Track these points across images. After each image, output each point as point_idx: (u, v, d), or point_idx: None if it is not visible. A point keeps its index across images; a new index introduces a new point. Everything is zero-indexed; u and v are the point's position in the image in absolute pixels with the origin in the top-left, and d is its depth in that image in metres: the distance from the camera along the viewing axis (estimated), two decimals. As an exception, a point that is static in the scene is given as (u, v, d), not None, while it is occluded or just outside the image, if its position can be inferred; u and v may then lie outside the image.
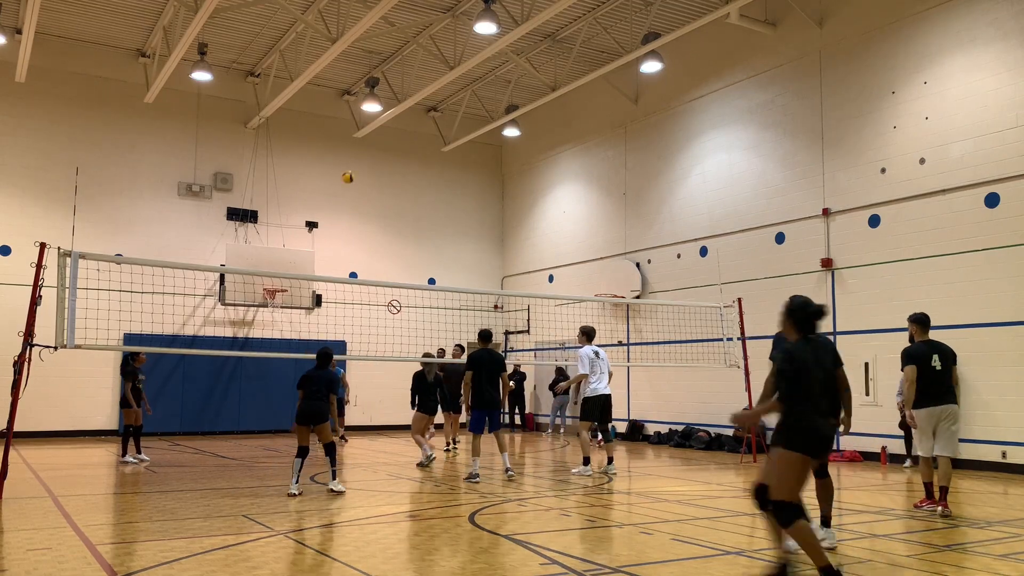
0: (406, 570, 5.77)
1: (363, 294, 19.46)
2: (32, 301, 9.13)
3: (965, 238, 12.83)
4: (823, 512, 6.59)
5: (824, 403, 5.41)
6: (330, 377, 9.81)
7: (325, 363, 9.93)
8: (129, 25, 17.95)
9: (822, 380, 5.43)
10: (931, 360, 8.38)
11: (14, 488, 9.34)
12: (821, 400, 5.37)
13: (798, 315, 5.68)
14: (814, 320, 5.69)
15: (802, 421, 5.24)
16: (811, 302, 5.76)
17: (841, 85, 14.82)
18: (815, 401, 5.30)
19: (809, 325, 5.67)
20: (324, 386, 9.70)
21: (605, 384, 11.92)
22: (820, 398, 5.36)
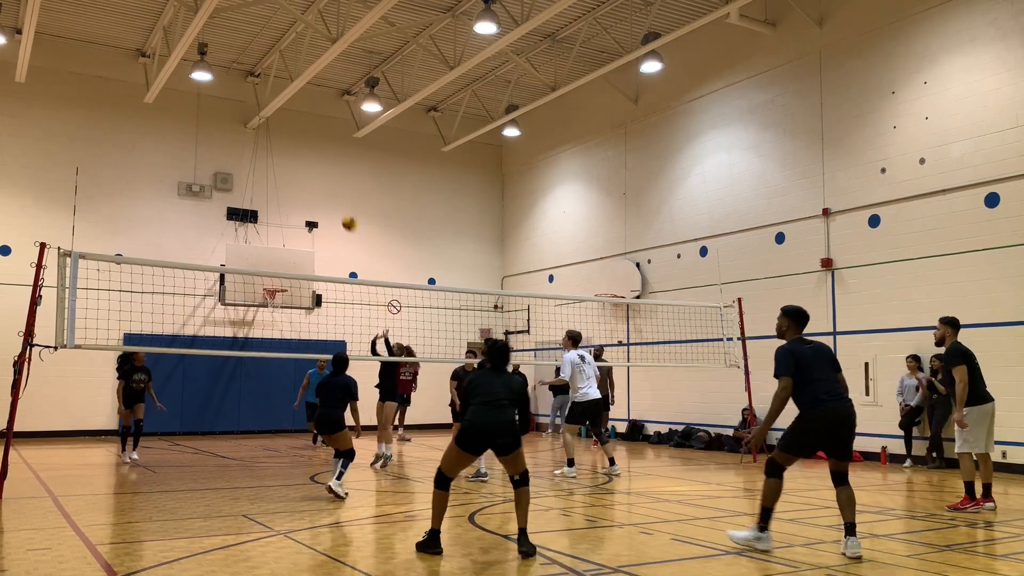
0: (406, 570, 5.77)
1: (363, 294, 19.45)
2: (32, 301, 9.13)
3: (965, 238, 12.83)
4: (846, 520, 6.25)
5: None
6: (346, 383, 9.55)
7: (340, 369, 9.67)
8: (129, 25, 17.94)
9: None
10: (975, 359, 8.61)
11: (14, 488, 9.34)
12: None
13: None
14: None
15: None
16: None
17: (841, 85, 14.83)
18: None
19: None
20: (340, 393, 9.46)
21: (595, 389, 11.77)
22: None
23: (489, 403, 6.26)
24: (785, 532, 7.27)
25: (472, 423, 6.23)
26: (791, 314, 6.69)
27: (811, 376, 6.35)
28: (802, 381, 6.36)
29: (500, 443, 6.20)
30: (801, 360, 6.38)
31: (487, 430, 6.18)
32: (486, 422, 6.20)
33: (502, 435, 6.19)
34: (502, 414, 6.25)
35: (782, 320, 6.73)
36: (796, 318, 6.67)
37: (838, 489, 6.35)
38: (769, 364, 11.02)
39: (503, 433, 6.19)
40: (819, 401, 6.29)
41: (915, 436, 13.18)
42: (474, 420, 6.23)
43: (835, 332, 14.54)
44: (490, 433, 6.19)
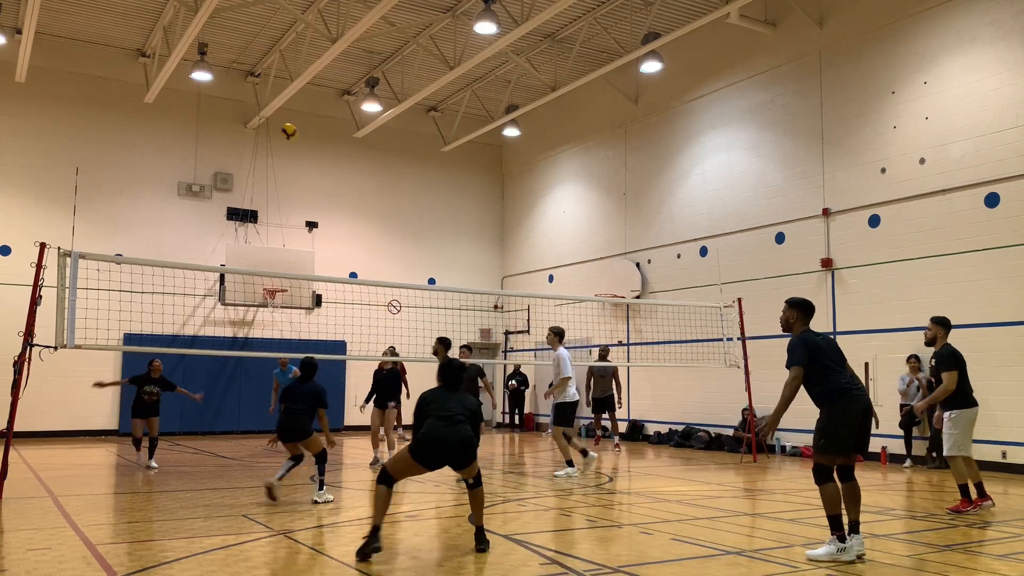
0: (406, 570, 5.77)
1: (363, 294, 19.46)
2: (32, 301, 9.13)
3: (965, 238, 12.83)
4: (851, 518, 6.13)
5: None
6: (316, 391, 9.17)
7: (309, 375, 9.30)
8: (129, 25, 17.95)
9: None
10: (965, 362, 8.51)
11: (14, 488, 9.33)
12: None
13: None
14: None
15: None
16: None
17: (841, 85, 14.82)
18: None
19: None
20: (310, 400, 9.07)
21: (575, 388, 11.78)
22: None
23: (446, 418, 6.31)
24: (785, 532, 7.27)
25: (429, 436, 6.25)
26: (798, 305, 6.50)
27: (830, 365, 6.23)
28: (820, 370, 6.21)
29: (459, 459, 6.31)
30: (816, 350, 6.25)
31: (445, 447, 6.23)
32: (444, 437, 6.24)
33: (460, 451, 6.29)
34: (460, 430, 6.31)
35: (789, 312, 6.53)
36: (804, 309, 6.49)
37: (844, 485, 6.16)
38: (769, 364, 11.05)
39: (461, 450, 6.29)
40: (846, 390, 6.17)
41: (915, 436, 13.18)
42: (431, 434, 6.25)
43: (835, 332, 14.53)
44: (448, 450, 6.26)
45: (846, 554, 5.87)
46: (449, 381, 6.65)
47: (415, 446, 6.23)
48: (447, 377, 6.65)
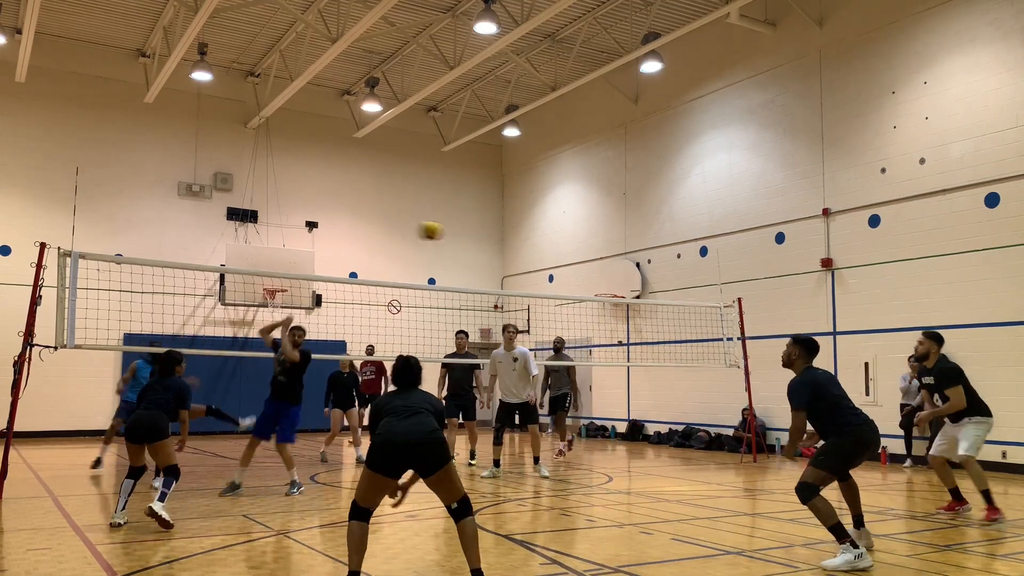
0: (406, 570, 5.77)
1: (363, 294, 19.46)
2: (32, 301, 9.12)
3: (965, 238, 12.83)
4: (854, 513, 6.49)
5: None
6: (178, 386, 7.86)
7: (167, 370, 8.01)
8: (129, 25, 17.95)
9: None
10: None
11: (14, 488, 9.33)
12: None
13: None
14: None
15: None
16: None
17: (841, 85, 14.82)
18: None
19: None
20: (169, 397, 7.74)
21: None
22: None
23: (401, 411, 5.13)
24: (785, 532, 7.27)
25: (382, 436, 5.05)
26: (804, 343, 6.50)
27: (834, 399, 6.28)
28: (827, 408, 6.26)
29: (423, 458, 4.99)
30: (818, 388, 6.28)
31: (403, 443, 4.97)
32: (400, 431, 5.00)
33: (422, 447, 4.97)
34: (420, 421, 5.06)
35: (792, 348, 6.50)
36: (808, 348, 6.49)
37: (842, 484, 6.44)
38: (769, 364, 11.05)
39: (423, 444, 4.97)
40: (854, 424, 6.21)
41: (915, 436, 13.17)
42: (384, 432, 5.05)
43: (835, 332, 14.54)
44: (407, 446, 4.97)
45: (863, 560, 5.71)
46: (403, 381, 5.45)
47: (369, 453, 5.05)
48: (400, 376, 5.46)
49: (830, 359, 14.43)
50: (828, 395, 6.29)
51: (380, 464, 5.00)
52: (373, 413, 5.31)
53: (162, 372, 8.03)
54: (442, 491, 5.07)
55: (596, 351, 20.04)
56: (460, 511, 5.04)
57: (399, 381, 5.44)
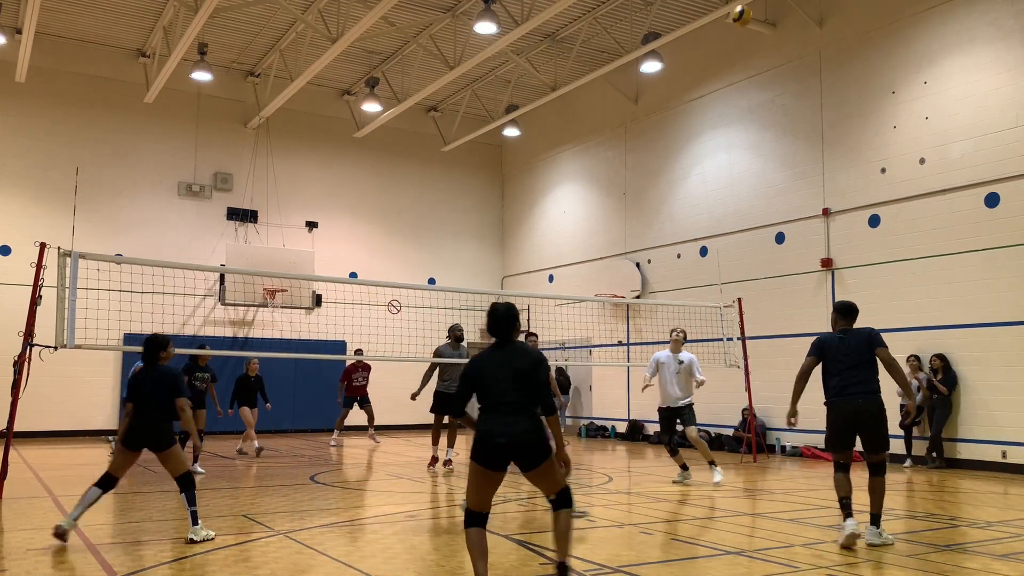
0: (406, 570, 5.77)
1: (363, 294, 19.45)
2: (32, 301, 9.13)
3: (965, 238, 12.83)
4: (872, 510, 6.65)
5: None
6: (168, 376, 6.87)
7: (152, 358, 6.93)
8: (129, 25, 17.95)
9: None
10: None
11: (14, 488, 9.33)
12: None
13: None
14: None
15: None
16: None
17: (841, 85, 14.82)
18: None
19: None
20: (162, 391, 6.77)
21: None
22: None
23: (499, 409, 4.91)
24: (785, 532, 7.27)
25: (484, 434, 4.90)
26: (836, 308, 7.10)
27: (829, 368, 6.78)
28: (824, 372, 6.82)
29: (523, 454, 4.89)
30: (824, 349, 6.84)
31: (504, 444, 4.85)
32: (500, 432, 4.85)
33: (523, 447, 4.87)
34: (515, 422, 4.87)
35: (832, 315, 7.12)
36: (840, 311, 7.03)
37: (871, 479, 6.66)
38: (769, 364, 11.05)
39: (523, 444, 4.86)
40: (830, 395, 6.73)
41: (915, 436, 13.18)
42: (485, 432, 4.91)
43: (835, 332, 14.52)
44: (507, 446, 4.85)
45: (844, 530, 6.44)
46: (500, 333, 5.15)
47: (473, 446, 4.94)
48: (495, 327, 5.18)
49: (830, 359, 14.43)
50: (826, 360, 6.84)
51: (484, 458, 4.89)
52: (466, 374, 5.09)
53: (146, 362, 6.96)
54: (542, 484, 5.00)
55: (596, 351, 20.05)
56: (558, 502, 4.97)
57: (493, 333, 5.19)
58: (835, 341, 6.83)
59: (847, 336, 6.84)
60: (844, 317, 6.98)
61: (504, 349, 5.12)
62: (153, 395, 6.76)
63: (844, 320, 6.98)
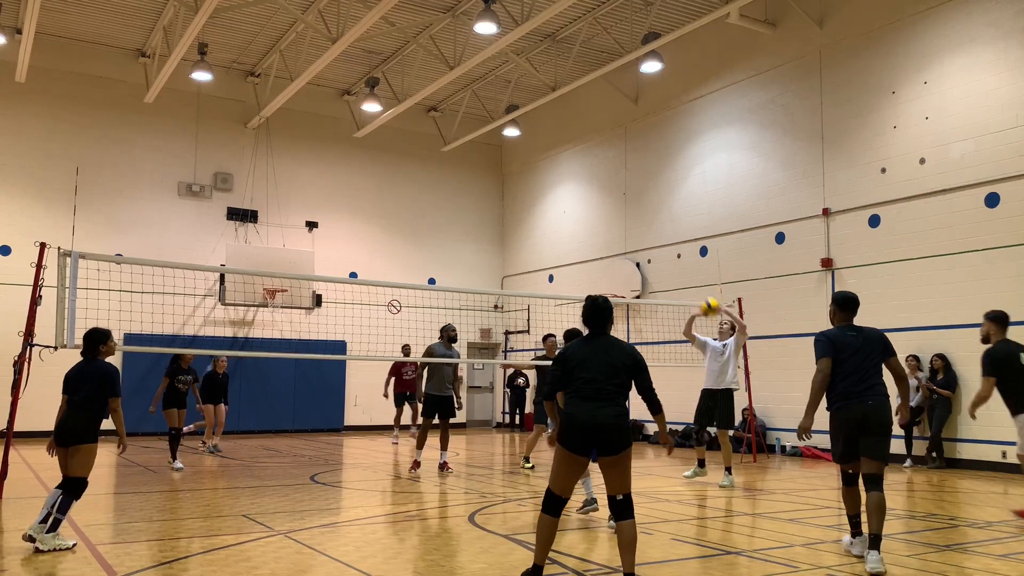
0: (406, 570, 5.77)
1: (363, 294, 19.45)
2: (32, 301, 9.13)
3: (965, 238, 12.83)
4: (870, 531, 5.83)
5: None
6: (102, 372, 6.68)
7: (91, 350, 6.81)
8: (129, 25, 17.95)
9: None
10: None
11: (14, 488, 9.33)
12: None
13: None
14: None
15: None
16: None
17: (841, 85, 14.82)
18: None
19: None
20: (92, 386, 6.59)
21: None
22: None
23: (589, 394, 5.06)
24: (785, 532, 7.27)
25: (572, 420, 5.04)
26: (837, 300, 6.49)
27: (839, 369, 6.12)
28: (833, 372, 6.15)
29: (607, 438, 4.97)
30: (837, 347, 6.17)
31: (592, 426, 4.98)
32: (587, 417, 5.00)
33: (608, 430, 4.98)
34: (603, 407, 5.02)
35: (831, 307, 6.55)
36: (841, 304, 6.42)
37: (867, 494, 5.95)
38: (769, 364, 11.05)
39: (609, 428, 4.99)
40: (835, 398, 6.15)
41: (915, 436, 13.18)
42: (572, 416, 5.05)
43: (835, 332, 14.53)
44: (594, 428, 4.98)
45: (853, 548, 6.20)
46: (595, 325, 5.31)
47: (561, 433, 5.06)
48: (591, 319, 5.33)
49: (830, 359, 14.43)
50: (837, 361, 6.17)
51: (572, 444, 4.99)
52: (560, 360, 5.19)
53: (84, 354, 6.85)
54: (615, 478, 5.01)
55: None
56: (622, 508, 4.98)
57: (590, 324, 5.34)
58: (847, 339, 6.20)
59: (860, 334, 6.24)
60: (845, 310, 6.39)
61: (600, 340, 5.27)
62: (87, 390, 6.58)
63: (845, 313, 6.39)
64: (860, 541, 6.14)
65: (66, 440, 6.45)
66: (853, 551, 6.17)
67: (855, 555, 6.10)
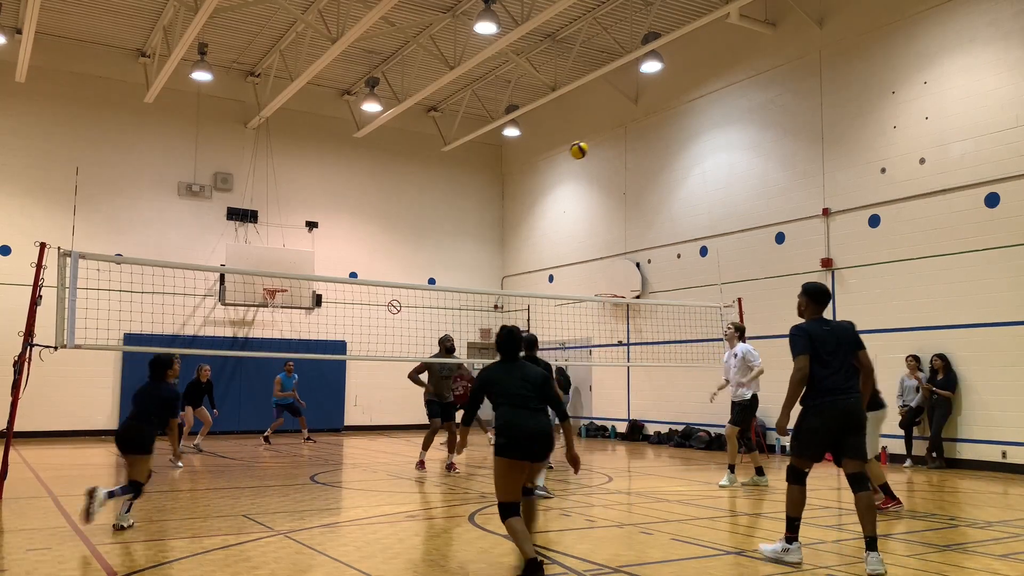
0: (406, 570, 5.77)
1: (363, 294, 19.45)
2: (32, 301, 9.13)
3: (965, 238, 12.83)
4: (866, 533, 5.74)
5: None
6: (165, 396, 7.51)
7: (158, 375, 7.61)
8: (129, 25, 17.94)
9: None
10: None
11: (14, 488, 9.33)
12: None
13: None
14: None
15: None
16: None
17: (841, 85, 14.82)
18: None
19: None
20: (154, 406, 7.42)
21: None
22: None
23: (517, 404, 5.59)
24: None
25: (511, 430, 5.51)
26: (809, 292, 6.29)
27: (821, 364, 5.95)
28: (813, 367, 5.97)
29: (537, 450, 5.54)
30: (814, 341, 6.00)
31: (531, 435, 5.50)
32: (527, 426, 5.52)
33: (539, 442, 5.54)
34: (536, 419, 5.55)
35: (801, 299, 6.33)
36: (815, 296, 6.26)
37: (855, 496, 5.82)
38: (769, 364, 11.04)
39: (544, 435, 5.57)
40: (820, 393, 5.93)
41: (915, 436, 13.18)
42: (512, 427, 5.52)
43: (835, 332, 14.52)
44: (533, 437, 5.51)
45: (790, 555, 5.90)
46: (506, 352, 5.81)
47: (502, 446, 5.50)
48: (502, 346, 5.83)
49: (830, 359, 14.43)
50: (815, 355, 5.98)
51: (516, 453, 5.48)
52: (480, 384, 5.76)
53: (151, 377, 7.62)
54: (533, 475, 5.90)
55: (596, 351, 20.05)
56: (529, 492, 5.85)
57: (502, 350, 5.84)
58: (824, 333, 6.06)
59: (834, 328, 6.16)
60: (818, 303, 6.24)
61: (514, 363, 5.83)
62: (151, 410, 7.45)
63: (817, 305, 6.23)
64: (798, 547, 5.91)
65: (125, 449, 7.34)
66: (789, 559, 5.85)
67: (790, 563, 5.81)
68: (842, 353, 6.04)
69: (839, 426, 5.91)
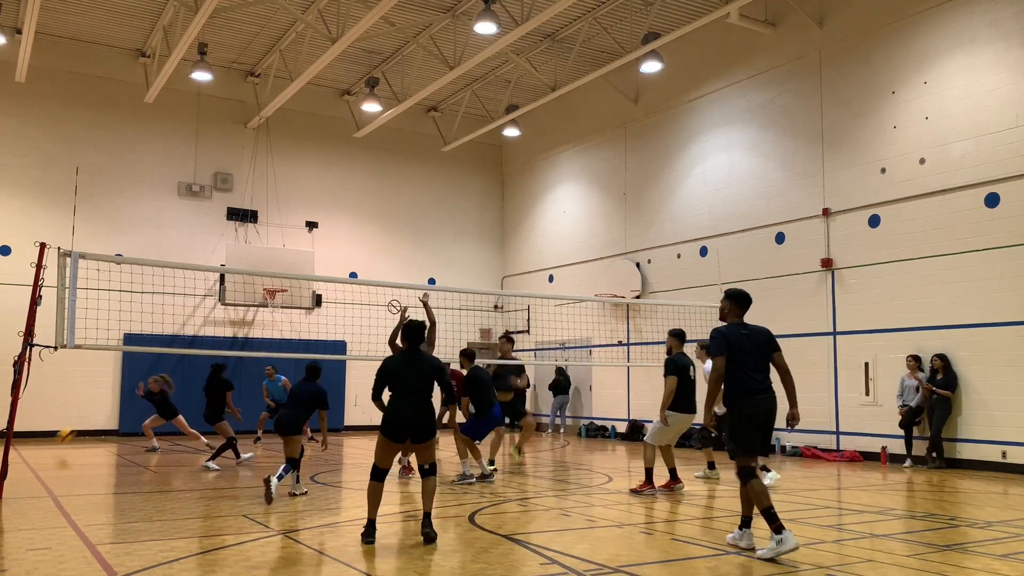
0: (406, 570, 5.77)
1: (363, 294, 19.44)
2: (32, 301, 9.12)
3: (965, 238, 12.83)
4: (744, 513, 6.48)
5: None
6: (318, 392, 9.66)
7: (313, 376, 9.89)
8: (129, 25, 17.95)
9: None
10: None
11: (14, 488, 9.33)
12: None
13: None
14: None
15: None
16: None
17: (841, 85, 14.82)
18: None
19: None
20: (308, 399, 9.57)
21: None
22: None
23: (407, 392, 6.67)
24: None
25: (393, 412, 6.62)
26: (733, 297, 6.69)
27: (741, 365, 6.36)
28: (731, 369, 6.37)
29: (416, 434, 6.64)
30: (734, 344, 6.41)
31: (405, 420, 6.59)
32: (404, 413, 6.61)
33: (419, 427, 6.63)
34: (417, 408, 6.63)
35: (724, 303, 6.73)
36: (737, 301, 6.65)
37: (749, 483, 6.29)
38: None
39: (420, 425, 6.63)
40: (743, 394, 6.33)
41: (915, 436, 13.17)
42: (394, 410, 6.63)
43: (835, 332, 14.54)
44: (408, 424, 6.59)
45: (785, 544, 5.96)
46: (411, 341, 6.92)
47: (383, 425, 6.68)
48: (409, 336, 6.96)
49: (830, 359, 14.44)
50: (736, 357, 6.39)
51: (391, 435, 6.64)
52: (383, 368, 6.82)
53: (307, 378, 9.78)
54: (421, 451, 6.76)
55: (596, 351, 20.05)
56: (428, 472, 6.81)
57: (406, 340, 6.91)
58: (741, 336, 6.48)
59: (750, 332, 6.54)
60: (741, 306, 6.64)
61: (414, 353, 6.85)
62: (305, 402, 9.53)
63: (740, 309, 6.64)
64: (789, 534, 6.03)
65: (284, 431, 9.31)
66: (786, 547, 5.97)
67: (790, 550, 5.94)
68: (759, 355, 6.44)
69: (759, 424, 6.37)
